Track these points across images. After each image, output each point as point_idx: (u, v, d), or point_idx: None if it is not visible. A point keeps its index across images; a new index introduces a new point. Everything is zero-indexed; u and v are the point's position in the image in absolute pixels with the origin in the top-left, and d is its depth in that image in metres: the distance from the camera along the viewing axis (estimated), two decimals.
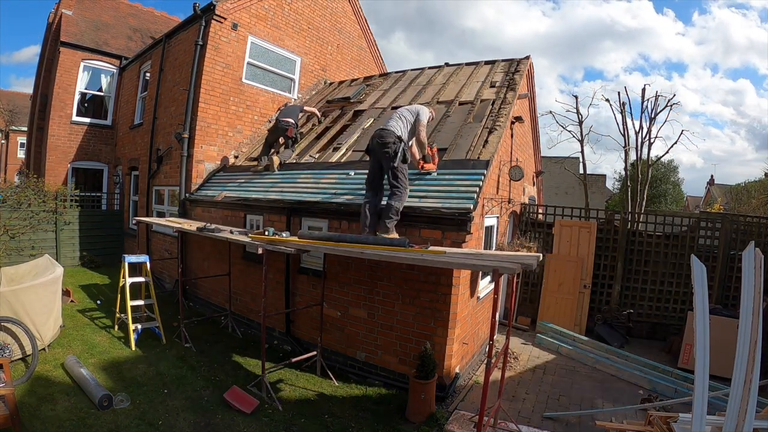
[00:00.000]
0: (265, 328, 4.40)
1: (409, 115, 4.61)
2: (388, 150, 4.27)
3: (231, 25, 7.68)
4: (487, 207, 5.02)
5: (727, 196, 20.05)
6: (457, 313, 4.34)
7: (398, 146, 4.28)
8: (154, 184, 8.79)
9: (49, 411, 3.73)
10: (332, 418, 3.97)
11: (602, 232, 7.08)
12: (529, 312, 7.26)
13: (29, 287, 4.74)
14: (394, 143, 4.29)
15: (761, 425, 2.61)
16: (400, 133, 4.40)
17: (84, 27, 11.35)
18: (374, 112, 7.18)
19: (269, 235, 4.50)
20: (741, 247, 6.29)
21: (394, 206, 4.24)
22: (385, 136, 4.34)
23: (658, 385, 4.91)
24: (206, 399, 4.19)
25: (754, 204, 15.43)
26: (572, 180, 18.08)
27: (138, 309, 5.99)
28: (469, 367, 5.11)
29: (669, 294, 6.73)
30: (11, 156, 23.29)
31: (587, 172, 15.38)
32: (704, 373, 2.55)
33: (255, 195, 6.23)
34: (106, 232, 10.03)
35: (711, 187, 27.43)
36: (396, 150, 4.26)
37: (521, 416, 4.16)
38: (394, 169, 4.26)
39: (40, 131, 11.47)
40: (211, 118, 7.60)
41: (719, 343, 3.68)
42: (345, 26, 10.56)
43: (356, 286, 4.95)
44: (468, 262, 3.32)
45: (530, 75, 7.46)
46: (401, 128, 4.46)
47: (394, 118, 4.58)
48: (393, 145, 4.28)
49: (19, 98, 25.01)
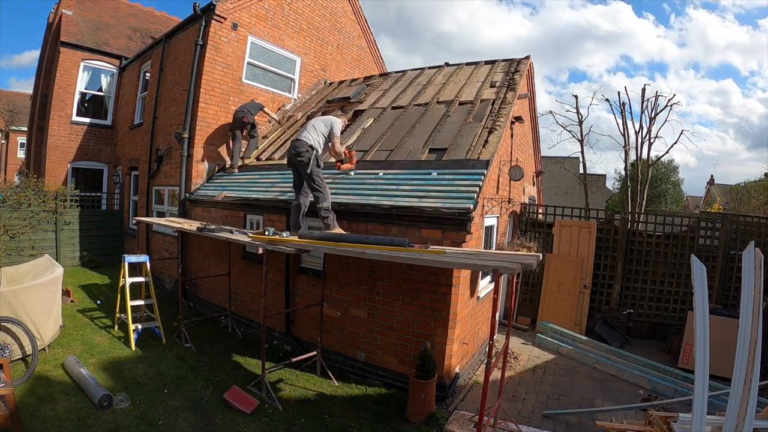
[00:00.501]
0: (265, 328, 4.40)
1: (323, 126, 5.05)
2: (302, 159, 4.71)
3: (231, 25, 7.68)
4: (487, 207, 5.02)
5: (727, 196, 20.05)
6: (457, 313, 4.34)
7: (311, 154, 4.72)
8: (154, 184, 8.79)
9: (49, 411, 3.73)
10: (332, 418, 3.97)
11: (602, 232, 7.08)
12: (529, 312, 7.26)
13: (29, 287, 4.74)
14: (306, 151, 4.72)
15: (761, 425, 2.61)
16: (312, 142, 4.81)
17: (84, 27, 11.35)
18: (374, 111, 7.18)
19: (269, 235, 4.50)
20: (741, 247, 6.29)
21: (322, 206, 4.67)
22: (298, 146, 4.77)
23: (658, 385, 4.91)
24: (206, 399, 4.19)
25: (754, 204, 15.42)
26: (572, 180, 18.08)
27: (138, 309, 5.99)
28: (469, 367, 5.11)
29: (669, 294, 6.73)
30: (11, 156, 23.30)
31: (587, 172, 15.39)
32: (704, 373, 2.55)
33: (255, 195, 6.23)
34: (106, 232, 10.03)
35: (711, 187, 27.43)
36: (309, 158, 4.70)
37: (521, 416, 4.16)
38: (310, 175, 4.68)
39: (40, 131, 11.47)
40: (211, 118, 7.60)
41: (719, 343, 3.68)
42: (345, 26, 10.56)
43: (356, 286, 4.95)
44: (468, 262, 3.32)
45: (530, 75, 7.46)
46: (313, 138, 4.87)
47: (307, 128, 4.98)
48: (306, 154, 4.71)
49: (19, 98, 25.02)
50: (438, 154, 5.33)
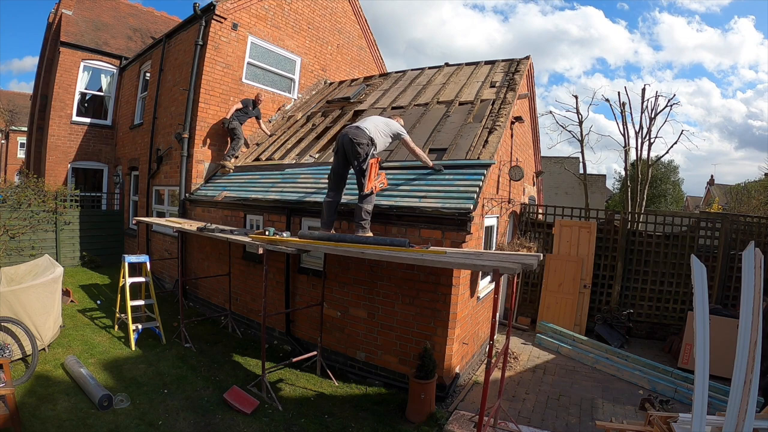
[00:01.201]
0: (265, 328, 4.40)
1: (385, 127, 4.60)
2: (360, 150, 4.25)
3: (231, 25, 7.68)
4: (487, 207, 5.02)
5: (727, 196, 20.04)
6: (457, 313, 4.34)
7: (370, 148, 4.31)
8: (154, 184, 8.79)
9: (49, 411, 3.73)
10: (332, 418, 3.97)
11: (602, 232, 7.08)
12: (529, 312, 7.27)
13: (29, 287, 4.74)
14: (367, 144, 4.29)
15: (761, 425, 2.62)
16: (373, 136, 4.39)
17: (84, 27, 11.35)
18: (374, 112, 7.18)
19: (269, 235, 4.50)
20: (741, 247, 6.29)
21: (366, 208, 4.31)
22: (358, 135, 4.31)
23: (658, 385, 4.91)
24: (206, 399, 4.19)
25: (754, 204, 15.41)
26: (572, 180, 18.08)
27: (138, 309, 5.99)
28: (469, 367, 5.11)
29: (669, 294, 6.73)
30: (11, 156, 23.27)
31: (587, 172, 15.39)
32: (704, 373, 2.55)
33: (255, 195, 6.23)
34: (106, 232, 10.03)
35: (711, 187, 27.41)
36: (368, 151, 4.29)
37: (521, 416, 4.16)
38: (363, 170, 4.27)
39: (40, 131, 11.46)
40: (211, 118, 7.60)
41: (719, 343, 3.69)
42: (345, 26, 10.56)
43: (356, 286, 4.96)
44: (468, 262, 3.32)
45: (530, 75, 7.46)
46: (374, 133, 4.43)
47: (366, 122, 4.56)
48: (366, 147, 4.27)
49: (19, 98, 25.02)
50: (438, 154, 5.33)
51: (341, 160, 4.45)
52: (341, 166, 4.49)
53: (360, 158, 4.25)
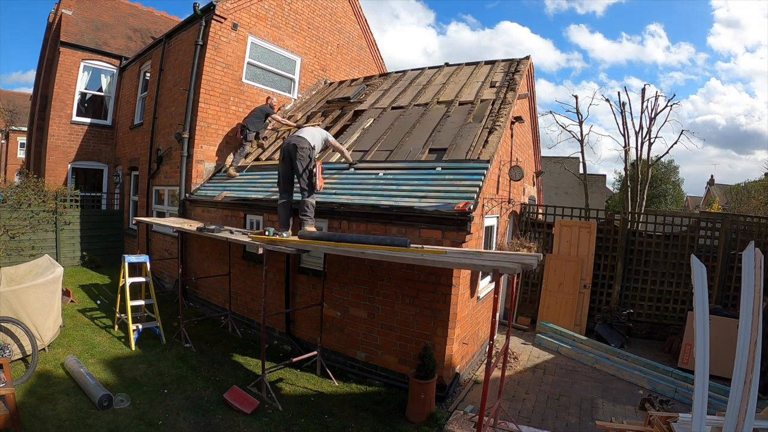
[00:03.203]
0: (265, 328, 4.40)
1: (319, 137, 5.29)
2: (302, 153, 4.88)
3: (231, 25, 7.68)
4: (487, 207, 5.02)
5: (727, 196, 20.05)
6: (457, 313, 4.34)
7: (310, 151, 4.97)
8: (154, 184, 8.79)
9: (49, 411, 3.73)
10: (332, 418, 3.97)
11: (602, 232, 7.08)
12: (529, 312, 7.27)
13: (29, 287, 4.74)
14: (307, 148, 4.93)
15: (761, 425, 2.62)
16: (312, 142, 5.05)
17: (84, 27, 11.35)
18: (374, 112, 7.18)
19: (269, 235, 4.50)
20: (741, 247, 6.29)
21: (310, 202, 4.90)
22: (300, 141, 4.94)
23: (658, 385, 4.91)
24: (206, 399, 4.19)
25: (754, 204, 15.42)
26: (572, 180, 18.08)
27: (138, 309, 5.99)
28: (469, 366, 5.11)
29: (669, 294, 6.73)
30: (11, 156, 23.28)
31: (587, 172, 15.39)
32: (704, 373, 2.55)
33: (255, 195, 6.22)
34: (106, 232, 10.03)
35: (711, 187, 27.41)
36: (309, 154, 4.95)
37: (521, 416, 4.16)
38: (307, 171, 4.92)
39: (40, 131, 11.46)
40: (211, 118, 7.61)
41: (719, 343, 3.69)
42: (345, 26, 10.57)
43: (356, 286, 4.95)
44: (468, 262, 3.32)
45: (530, 75, 7.46)
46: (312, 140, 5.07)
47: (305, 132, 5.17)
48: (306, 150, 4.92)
49: (19, 98, 25.03)
50: (438, 154, 5.33)
51: (288, 165, 5.01)
52: (288, 170, 5.03)
53: (304, 161, 4.88)
